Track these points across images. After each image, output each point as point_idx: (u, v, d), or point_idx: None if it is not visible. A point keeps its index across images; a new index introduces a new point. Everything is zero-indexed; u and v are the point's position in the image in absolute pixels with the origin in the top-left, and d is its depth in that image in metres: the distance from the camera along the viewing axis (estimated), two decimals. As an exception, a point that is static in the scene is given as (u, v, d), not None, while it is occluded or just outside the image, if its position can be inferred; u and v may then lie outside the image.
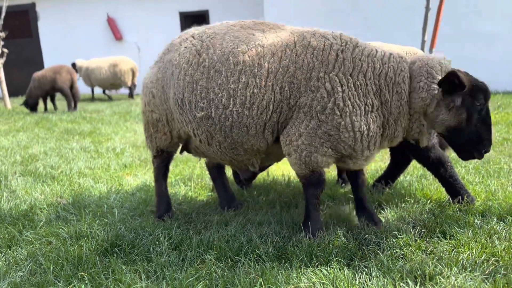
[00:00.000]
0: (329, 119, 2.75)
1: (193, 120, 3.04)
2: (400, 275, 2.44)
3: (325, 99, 2.73)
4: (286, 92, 2.80)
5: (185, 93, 3.01)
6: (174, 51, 3.17)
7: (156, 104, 3.29)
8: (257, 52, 2.86)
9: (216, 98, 2.89)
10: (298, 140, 2.83)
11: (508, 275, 2.42)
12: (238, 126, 2.90)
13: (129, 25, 15.65)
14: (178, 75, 3.04)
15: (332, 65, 2.77)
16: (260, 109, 2.84)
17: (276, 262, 2.66)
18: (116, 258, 2.80)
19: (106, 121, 8.64)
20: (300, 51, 2.83)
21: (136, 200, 3.88)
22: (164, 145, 3.42)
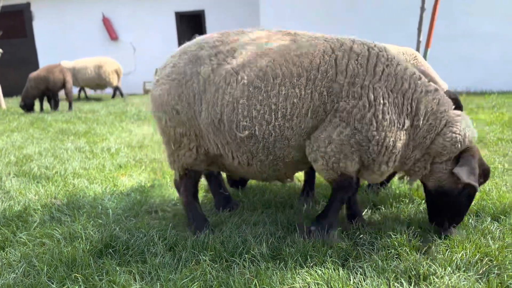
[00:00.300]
0: (365, 129, 2.70)
1: (233, 141, 2.88)
2: (394, 275, 2.45)
3: (366, 108, 2.69)
4: (325, 97, 2.74)
5: (224, 113, 2.83)
6: (201, 64, 2.94)
7: (181, 120, 3.02)
8: (294, 62, 2.79)
9: (258, 115, 2.79)
10: (327, 147, 2.76)
11: (502, 274, 2.43)
12: (280, 139, 2.82)
13: (125, 25, 15.60)
14: (215, 93, 2.86)
15: (379, 76, 2.73)
16: (299, 118, 2.77)
17: (271, 263, 2.66)
18: (110, 259, 2.78)
19: (102, 121, 8.62)
20: (341, 56, 2.78)
21: (131, 201, 3.87)
22: (189, 162, 3.14)
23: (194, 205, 3.27)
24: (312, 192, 3.91)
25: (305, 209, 3.58)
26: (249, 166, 2.99)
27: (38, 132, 7.61)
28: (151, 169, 4.95)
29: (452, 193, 2.91)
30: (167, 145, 3.20)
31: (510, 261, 2.57)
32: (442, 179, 2.91)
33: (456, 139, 2.81)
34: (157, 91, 3.09)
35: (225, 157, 3.01)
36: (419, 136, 2.83)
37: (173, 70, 3.04)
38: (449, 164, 2.87)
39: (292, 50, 2.84)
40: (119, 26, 15.69)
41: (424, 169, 2.93)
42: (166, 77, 3.06)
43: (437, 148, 2.84)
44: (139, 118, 8.88)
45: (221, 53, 2.94)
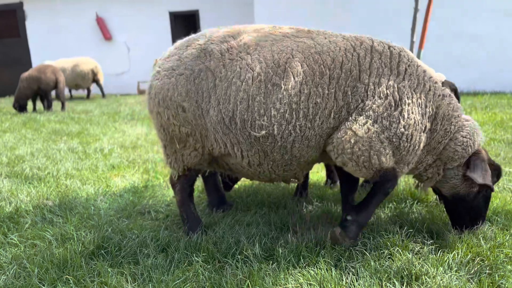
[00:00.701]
0: (393, 126, 2.65)
1: (245, 140, 2.74)
2: (387, 275, 2.45)
3: (393, 107, 2.64)
4: (349, 96, 2.66)
5: (237, 111, 2.68)
6: (211, 60, 2.79)
7: (187, 119, 2.85)
8: (315, 60, 2.69)
9: (278, 114, 2.65)
10: (354, 147, 2.65)
11: (493, 274, 2.44)
12: (300, 140, 2.70)
13: (119, 25, 15.55)
14: (227, 90, 2.72)
15: (402, 76, 2.70)
16: (322, 119, 2.67)
17: (264, 263, 2.65)
18: (102, 261, 2.77)
19: (95, 122, 8.57)
20: (363, 54, 2.71)
21: (123, 202, 3.85)
22: (193, 162, 3.01)
23: (188, 205, 3.19)
24: (306, 192, 3.91)
25: (298, 209, 3.58)
26: (259, 166, 2.87)
27: (30, 133, 7.56)
28: (144, 169, 4.92)
29: (469, 197, 2.93)
30: (169, 143, 3.02)
31: (501, 260, 2.59)
32: (456, 185, 2.93)
33: (467, 144, 2.84)
34: (159, 83, 2.90)
35: (233, 156, 2.87)
36: (435, 140, 2.83)
37: (179, 64, 2.87)
38: (461, 169, 2.89)
39: (312, 47, 2.74)
40: (113, 26, 15.63)
41: (438, 175, 2.94)
42: (171, 70, 2.87)
43: (448, 153, 2.86)
44: (132, 118, 8.85)
45: (233, 48, 2.80)
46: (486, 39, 10.87)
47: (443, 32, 10.75)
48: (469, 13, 10.88)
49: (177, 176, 3.14)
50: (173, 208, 3.72)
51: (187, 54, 2.87)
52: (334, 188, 4.15)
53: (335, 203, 3.72)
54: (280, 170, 2.89)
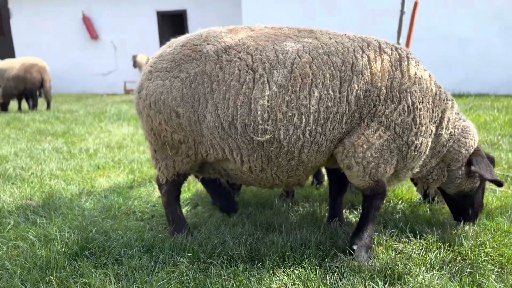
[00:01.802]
0: (405, 134, 2.59)
1: (246, 145, 2.58)
2: (370, 275, 2.48)
3: (406, 113, 2.57)
4: (361, 100, 2.54)
5: (236, 115, 2.52)
6: (207, 62, 2.62)
7: (181, 125, 2.69)
8: (324, 61, 2.54)
9: (285, 118, 2.50)
10: (366, 152, 2.57)
11: (474, 273, 2.48)
12: (310, 145, 2.57)
13: (105, 24, 15.42)
14: (225, 94, 2.55)
15: (413, 80, 2.60)
16: (334, 123, 2.54)
17: (249, 264, 2.66)
18: (86, 262, 2.74)
19: (80, 122, 8.49)
20: (373, 56, 2.58)
21: (108, 202, 3.82)
22: (184, 169, 2.91)
23: (174, 207, 3.11)
24: (292, 193, 3.92)
25: (284, 209, 3.59)
26: (262, 172, 2.73)
27: (14, 132, 7.45)
28: (129, 170, 4.89)
29: (472, 193, 3.08)
30: (160, 149, 2.87)
31: (482, 260, 2.63)
32: (461, 184, 3.02)
33: (470, 144, 2.91)
34: (151, 84, 2.72)
35: (232, 162, 2.74)
36: (440, 144, 2.85)
37: (174, 66, 2.69)
38: (463, 169, 2.98)
39: (319, 48, 2.58)
40: (100, 25, 15.50)
41: (442, 177, 3.00)
42: (165, 72, 2.70)
43: (453, 155, 2.91)
44: (118, 118, 8.78)
45: (231, 48, 2.63)
46: (471, 42, 11.03)
47: (428, 35, 10.88)
48: (454, 15, 11.04)
49: (165, 181, 3.03)
50: (159, 208, 3.70)
51: (182, 56, 2.69)
52: (321, 188, 4.17)
53: (321, 203, 3.74)
54: (285, 176, 2.77)
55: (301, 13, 11.97)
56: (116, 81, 15.27)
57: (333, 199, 3.23)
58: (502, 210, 3.37)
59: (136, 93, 2.88)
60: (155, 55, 2.86)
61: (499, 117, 7.22)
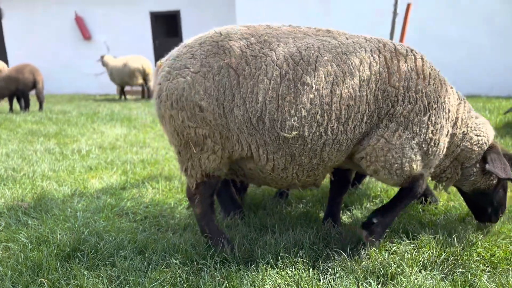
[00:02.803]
0: (423, 132, 2.65)
1: (273, 142, 2.58)
2: (363, 275, 2.49)
3: (422, 112, 2.63)
4: (379, 101, 2.59)
5: (265, 111, 2.52)
6: (231, 56, 2.59)
7: (205, 119, 2.61)
8: (343, 60, 2.57)
9: (308, 115, 2.53)
10: (387, 154, 2.63)
11: (466, 273, 2.50)
12: (331, 143, 2.60)
13: (98, 24, 15.35)
14: (253, 88, 2.53)
15: (428, 80, 2.67)
16: (355, 123, 2.58)
17: (242, 265, 2.65)
18: (78, 263, 2.72)
19: (73, 122, 8.43)
20: (389, 57, 2.64)
21: (101, 204, 3.79)
22: (211, 167, 2.75)
23: (210, 218, 2.89)
24: (286, 193, 3.92)
25: (277, 210, 3.59)
26: (283, 170, 2.72)
27: (5, 133, 7.38)
28: (122, 171, 4.87)
29: (490, 191, 3.04)
30: (184, 148, 2.77)
31: (474, 260, 2.65)
32: (476, 181, 3.00)
33: (483, 141, 2.92)
34: (171, 84, 2.64)
35: (256, 159, 2.69)
36: (454, 144, 2.88)
37: (194, 62, 2.62)
38: (478, 165, 2.97)
39: (337, 47, 2.62)
40: (93, 26, 15.43)
41: (456, 175, 3.01)
42: (184, 69, 2.63)
43: (466, 153, 2.92)
44: (111, 119, 8.73)
45: (253, 44, 2.61)
46: (463, 43, 11.13)
47: (421, 36, 10.95)
48: (446, 17, 11.13)
49: (195, 185, 2.84)
50: (152, 210, 3.68)
51: (203, 51, 2.64)
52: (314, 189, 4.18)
53: (314, 204, 3.75)
54: (304, 175, 2.77)
55: (296, 13, 12.00)
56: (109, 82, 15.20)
57: (332, 199, 3.25)
58: (494, 211, 3.39)
59: (155, 99, 2.78)
60: (170, 57, 2.79)
61: (491, 118, 7.28)
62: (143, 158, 5.39)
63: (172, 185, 4.34)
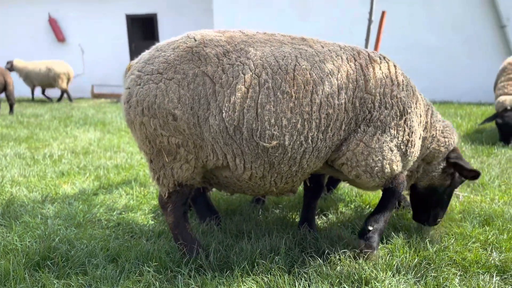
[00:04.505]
0: (400, 134, 2.72)
1: (251, 151, 2.54)
2: (338, 280, 2.50)
3: (398, 117, 2.70)
4: (357, 108, 2.63)
5: (243, 120, 2.48)
6: (207, 64, 2.53)
7: (178, 128, 2.56)
8: (321, 68, 2.58)
9: (289, 124, 2.51)
10: (368, 158, 2.66)
11: (438, 277, 2.54)
12: (311, 151, 2.61)
13: (73, 27, 15.05)
14: (230, 97, 2.49)
15: (402, 86, 2.74)
16: (334, 130, 2.60)
17: (218, 272, 2.63)
18: (48, 272, 2.64)
19: (45, 126, 8.21)
20: (365, 64, 2.69)
21: (73, 210, 3.69)
22: (184, 176, 2.70)
23: (183, 226, 2.84)
24: (263, 199, 3.91)
25: (254, 215, 3.58)
26: (261, 179, 2.69)
27: (-27, 137, 7.13)
28: (95, 176, 4.76)
29: (440, 190, 3.19)
30: (156, 157, 2.69)
31: (446, 263, 2.70)
32: (435, 177, 3.17)
33: (449, 142, 3.08)
34: (142, 89, 2.56)
35: (232, 169, 2.65)
36: (425, 147, 3.01)
37: (167, 67, 2.55)
38: (441, 163, 3.14)
39: (315, 55, 2.63)
40: (67, 28, 15.11)
41: (416, 173, 3.15)
42: (157, 74, 2.55)
43: (433, 154, 3.07)
44: (85, 123, 8.55)
45: (230, 52, 2.58)
46: (437, 51, 11.41)
47: (395, 43, 11.18)
48: (420, 26, 11.40)
49: (167, 194, 2.78)
50: (125, 216, 3.61)
51: (177, 57, 2.57)
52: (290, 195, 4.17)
53: (291, 209, 3.75)
54: (283, 183, 2.76)
55: (273, 18, 12.06)
56: (84, 85, 14.91)
57: (307, 204, 3.26)
58: (465, 215, 3.48)
59: (124, 103, 2.69)
60: (140, 60, 2.71)
61: (462, 124, 7.48)
62: (117, 163, 5.29)
63: (146, 191, 4.27)
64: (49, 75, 12.55)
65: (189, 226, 2.88)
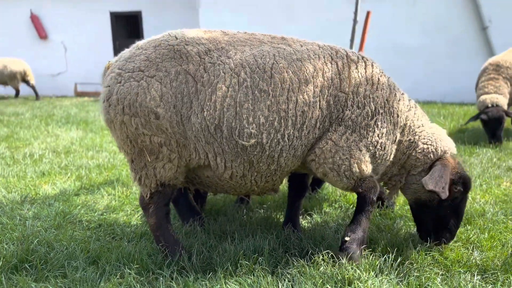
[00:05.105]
0: (369, 135, 2.69)
1: (231, 150, 2.57)
2: (321, 281, 2.48)
3: (369, 117, 2.68)
4: (331, 106, 2.65)
5: (223, 118, 2.51)
6: (189, 62, 2.55)
7: (161, 127, 2.54)
8: (298, 67, 2.62)
9: (267, 122, 2.55)
10: (335, 156, 2.66)
11: (420, 277, 2.55)
12: (288, 149, 2.63)
13: (55, 24, 14.78)
14: (211, 96, 2.52)
15: (376, 86, 2.73)
16: (309, 128, 2.63)
17: (200, 273, 2.60)
18: (25, 275, 2.58)
19: (26, 125, 8.05)
20: (341, 64, 2.71)
21: (53, 211, 3.62)
22: (167, 176, 2.66)
23: (166, 228, 2.78)
24: (247, 199, 3.89)
25: (238, 216, 3.55)
26: (242, 178, 2.70)
27: (-49, 136, 6.94)
28: (77, 176, 4.68)
29: (432, 204, 2.87)
30: (138, 156, 2.64)
31: (429, 263, 2.72)
32: (417, 190, 2.91)
33: (428, 150, 2.87)
34: (123, 87, 2.53)
35: (214, 168, 2.66)
36: (400, 151, 2.89)
37: (149, 65, 2.54)
38: (423, 174, 2.87)
39: (292, 54, 2.67)
40: (49, 25, 14.84)
41: (399, 182, 2.98)
42: (138, 71, 2.53)
43: (411, 161, 2.91)
44: (67, 122, 8.41)
45: (212, 51, 2.60)
46: (420, 51, 11.54)
47: (380, 44, 11.27)
48: (404, 27, 11.51)
49: (149, 195, 2.71)
50: (106, 217, 3.55)
51: (158, 55, 2.56)
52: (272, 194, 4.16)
53: (275, 209, 3.74)
54: (263, 181, 2.77)
55: (259, 19, 12.03)
56: (66, 83, 14.67)
57: (291, 204, 3.25)
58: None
59: (103, 102, 2.63)
60: (121, 58, 2.67)
61: (445, 124, 7.57)
62: (99, 163, 5.21)
63: (129, 191, 4.21)
64: (4, 72, 12.48)
65: (171, 227, 2.84)
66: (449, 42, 11.38)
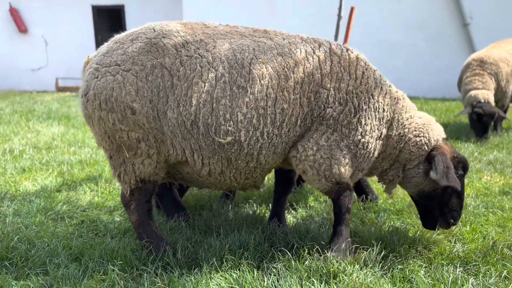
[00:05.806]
0: (352, 134, 2.62)
1: (208, 146, 2.52)
2: (306, 274, 2.49)
3: (352, 114, 2.60)
4: (312, 102, 2.57)
5: (199, 114, 2.46)
6: (165, 56, 2.49)
7: (138, 122, 2.50)
8: (278, 62, 2.54)
9: (245, 119, 2.49)
10: (316, 154, 2.61)
11: (404, 269, 2.58)
12: (267, 147, 2.57)
13: (35, 17, 14.44)
14: (187, 91, 2.46)
15: (360, 80, 2.64)
16: (289, 126, 2.56)
17: (185, 269, 2.57)
18: (5, 273, 2.52)
19: (5, 121, 7.86)
20: (323, 58, 2.62)
21: (34, 208, 3.55)
22: (146, 172, 2.62)
23: (148, 224, 2.75)
24: (233, 194, 3.87)
25: (224, 211, 3.53)
26: (220, 175, 2.66)
27: None
28: (58, 172, 4.59)
29: (436, 193, 2.84)
30: (116, 152, 2.61)
31: (413, 256, 2.75)
32: (419, 182, 2.85)
33: (422, 142, 2.80)
34: (99, 82, 2.49)
35: (191, 164, 2.62)
36: (390, 146, 2.81)
37: (125, 59, 2.50)
38: (421, 166, 2.83)
39: (273, 49, 2.59)
40: (29, 18, 14.49)
41: (397, 177, 2.92)
42: (114, 66, 2.49)
43: (405, 155, 2.84)
44: (48, 117, 8.24)
45: (190, 43, 2.53)
46: (402, 48, 11.66)
47: (363, 39, 11.33)
48: (387, 23, 11.60)
49: (129, 192, 2.69)
50: (89, 213, 3.50)
51: (135, 49, 2.51)
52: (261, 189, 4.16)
53: (261, 204, 3.73)
54: (242, 178, 2.73)
55: (244, 12, 11.97)
56: (47, 78, 14.37)
57: (277, 199, 3.24)
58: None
59: (81, 97, 2.59)
60: (98, 53, 2.62)
61: (427, 119, 7.65)
62: (81, 158, 5.12)
63: (112, 187, 4.15)
64: None
65: (153, 223, 2.81)
66: (431, 38, 11.52)
